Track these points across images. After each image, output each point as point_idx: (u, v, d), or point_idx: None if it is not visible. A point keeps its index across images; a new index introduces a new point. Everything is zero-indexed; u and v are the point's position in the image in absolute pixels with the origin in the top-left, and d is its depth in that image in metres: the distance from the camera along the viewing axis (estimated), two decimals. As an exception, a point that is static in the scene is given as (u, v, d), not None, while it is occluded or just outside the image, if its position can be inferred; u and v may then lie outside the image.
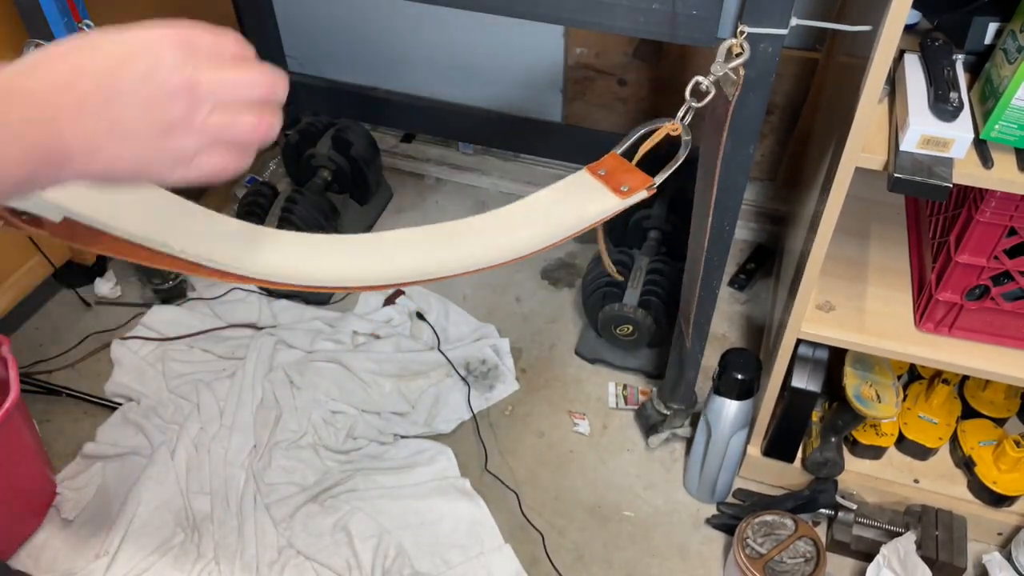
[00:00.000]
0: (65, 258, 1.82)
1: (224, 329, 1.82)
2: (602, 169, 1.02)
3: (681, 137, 1.00)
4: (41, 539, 1.48)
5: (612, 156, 1.02)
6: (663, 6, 1.02)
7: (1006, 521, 1.44)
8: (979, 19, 1.07)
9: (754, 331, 1.86)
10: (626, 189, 0.99)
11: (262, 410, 1.66)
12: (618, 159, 1.02)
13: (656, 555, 1.49)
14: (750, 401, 1.42)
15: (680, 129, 1.00)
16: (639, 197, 0.99)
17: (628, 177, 1.00)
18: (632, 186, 0.99)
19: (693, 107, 0.99)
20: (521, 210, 0.99)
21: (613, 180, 1.00)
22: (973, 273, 1.16)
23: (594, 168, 1.02)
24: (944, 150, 0.99)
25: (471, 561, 1.45)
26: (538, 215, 0.98)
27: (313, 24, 2.12)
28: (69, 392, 1.71)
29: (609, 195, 0.99)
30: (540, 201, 1.00)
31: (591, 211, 0.98)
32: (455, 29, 2.00)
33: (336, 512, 1.50)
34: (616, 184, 1.00)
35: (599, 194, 0.99)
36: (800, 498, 1.47)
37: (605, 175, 1.01)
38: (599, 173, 1.01)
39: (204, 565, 1.43)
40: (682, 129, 1.00)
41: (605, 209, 0.98)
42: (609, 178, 1.00)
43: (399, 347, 1.78)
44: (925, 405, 1.51)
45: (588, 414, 1.71)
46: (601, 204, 0.98)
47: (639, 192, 0.99)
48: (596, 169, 1.02)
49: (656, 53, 1.88)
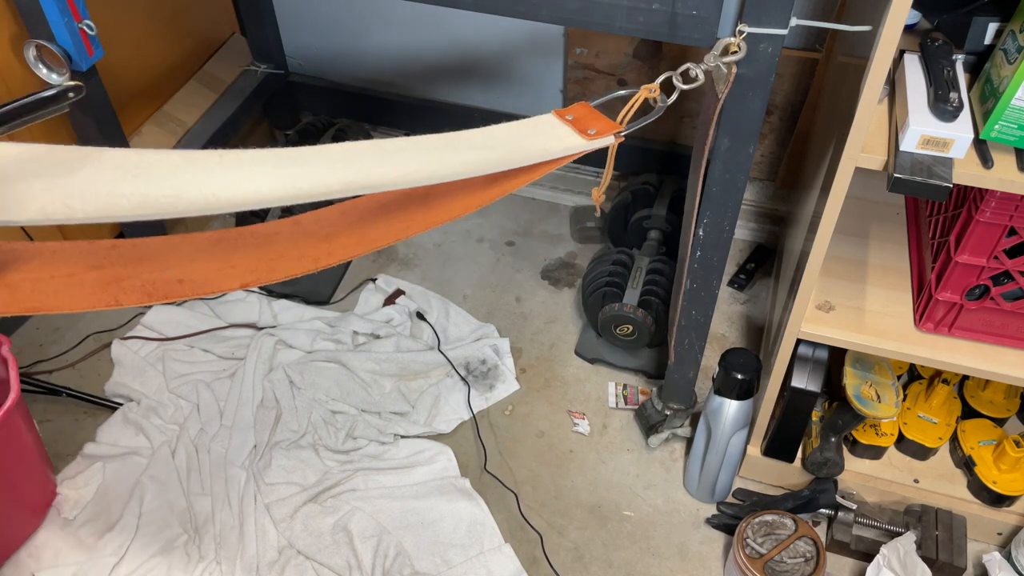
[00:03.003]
0: (65, 258, 1.82)
1: (224, 329, 1.82)
2: (570, 115, 0.99)
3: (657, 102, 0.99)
4: (42, 539, 1.48)
5: (583, 105, 1.00)
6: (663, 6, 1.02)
7: (1006, 521, 1.44)
8: (979, 19, 1.07)
9: (754, 331, 1.86)
10: (593, 132, 0.96)
11: (262, 410, 1.66)
12: (588, 108, 1.00)
13: (656, 555, 1.50)
14: (750, 401, 1.42)
15: (658, 93, 0.99)
16: (606, 142, 0.96)
17: (597, 123, 0.98)
18: (600, 130, 0.97)
19: (678, 87, 0.99)
20: (480, 135, 0.95)
21: (581, 124, 0.98)
22: (973, 273, 1.16)
23: (561, 113, 1.00)
24: (944, 150, 1.00)
25: (471, 561, 1.45)
26: (498, 142, 0.94)
27: (313, 24, 2.12)
28: (69, 392, 1.71)
29: (575, 135, 0.96)
30: (502, 131, 0.97)
31: (554, 147, 0.95)
32: (455, 29, 2.00)
33: (336, 512, 1.51)
34: (583, 127, 0.97)
35: (564, 133, 0.97)
36: (800, 498, 1.47)
37: (572, 120, 0.99)
38: (566, 118, 0.99)
39: (206, 566, 1.43)
40: (659, 94, 0.99)
41: (569, 147, 0.95)
42: (576, 122, 0.98)
43: (399, 347, 1.78)
44: (925, 405, 1.51)
45: (588, 414, 1.71)
46: (566, 143, 0.96)
47: (606, 136, 0.96)
48: (564, 114, 1.00)
49: (656, 53, 1.88)
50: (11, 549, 1.46)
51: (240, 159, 0.83)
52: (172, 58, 1.92)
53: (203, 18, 2.01)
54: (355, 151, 0.87)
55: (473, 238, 2.08)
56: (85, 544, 1.47)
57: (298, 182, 0.81)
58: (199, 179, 0.80)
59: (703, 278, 1.32)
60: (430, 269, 2.00)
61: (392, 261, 2.03)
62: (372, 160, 0.86)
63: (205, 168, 0.81)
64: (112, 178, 0.79)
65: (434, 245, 2.06)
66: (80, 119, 1.54)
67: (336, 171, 0.83)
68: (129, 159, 0.81)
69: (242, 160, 0.83)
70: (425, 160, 0.88)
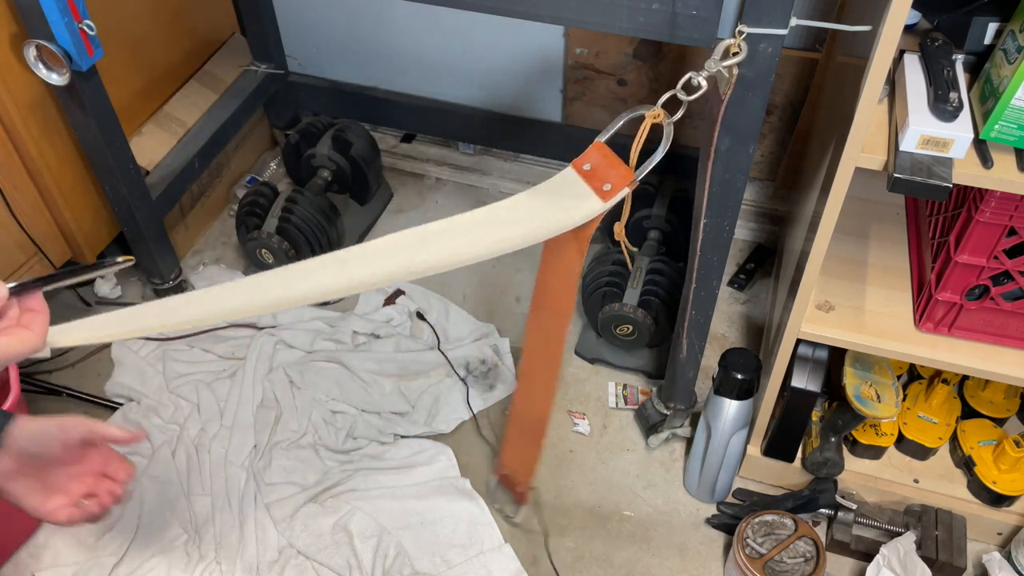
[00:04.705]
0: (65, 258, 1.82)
1: (224, 329, 1.82)
2: (587, 164, 1.01)
3: (663, 128, 0.99)
4: (42, 538, 1.48)
5: (597, 146, 1.01)
6: (663, 6, 1.02)
7: (1006, 521, 1.44)
8: (979, 19, 1.07)
9: (754, 331, 1.86)
10: (608, 188, 0.98)
11: (262, 410, 1.66)
12: (602, 151, 1.01)
13: (656, 555, 1.50)
14: (750, 401, 1.42)
15: (663, 116, 0.99)
16: (621, 195, 0.99)
17: (611, 173, 0.99)
18: (614, 184, 0.98)
19: (682, 99, 0.98)
20: (507, 209, 0.98)
21: (597, 178, 1.00)
22: (973, 273, 1.16)
23: (579, 163, 1.01)
24: (944, 150, 1.00)
25: (471, 561, 1.45)
26: (522, 216, 0.98)
27: (313, 24, 2.12)
28: (69, 392, 1.71)
29: (593, 198, 0.99)
30: (524, 202, 1.00)
31: (575, 216, 0.98)
32: (455, 29, 2.00)
33: (336, 512, 1.51)
34: (599, 182, 0.99)
35: (583, 197, 0.99)
36: (800, 498, 1.47)
37: (590, 171, 1.00)
38: (583, 169, 1.01)
39: (206, 566, 1.43)
40: (664, 117, 0.99)
41: (589, 213, 0.99)
42: (593, 175, 1.00)
43: (399, 347, 1.78)
44: (925, 405, 1.51)
45: (588, 414, 1.71)
46: (584, 208, 0.99)
47: (621, 190, 0.98)
48: (581, 164, 1.01)
49: (656, 53, 1.88)
50: (11, 549, 1.46)
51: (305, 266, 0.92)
52: (172, 58, 1.92)
53: (203, 18, 2.01)
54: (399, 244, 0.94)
55: (473, 238, 2.07)
56: (85, 544, 1.47)
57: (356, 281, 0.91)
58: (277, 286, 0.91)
59: (703, 278, 1.32)
60: (430, 269, 2.00)
61: (392, 261, 2.02)
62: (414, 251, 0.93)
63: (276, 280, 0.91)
64: None
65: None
66: (80, 119, 1.54)
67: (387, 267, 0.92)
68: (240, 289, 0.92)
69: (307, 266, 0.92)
70: (460, 243, 0.94)
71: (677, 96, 0.98)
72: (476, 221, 0.97)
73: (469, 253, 0.94)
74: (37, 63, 1.41)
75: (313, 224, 1.83)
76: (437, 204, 2.18)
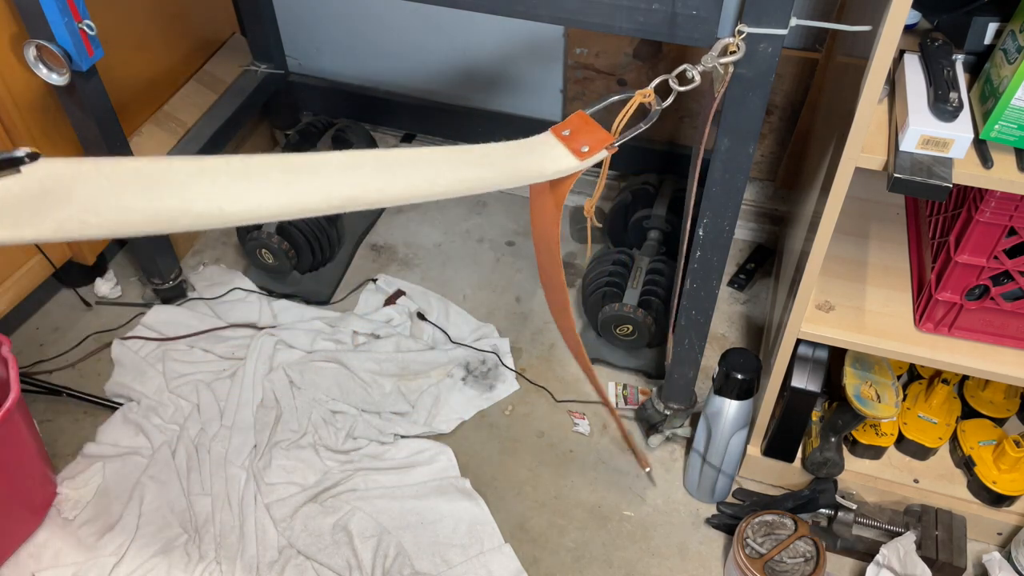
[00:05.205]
0: (65, 258, 1.82)
1: (224, 329, 1.82)
2: (566, 129, 1.01)
3: (652, 106, 0.99)
4: (42, 538, 1.48)
5: (579, 115, 1.02)
6: (663, 6, 1.02)
7: (1006, 521, 1.44)
8: (979, 19, 1.07)
9: (754, 331, 1.86)
10: (586, 150, 0.98)
11: (262, 410, 1.66)
12: (583, 117, 1.01)
13: (656, 555, 1.50)
14: (750, 401, 1.42)
15: (652, 97, 0.99)
16: (598, 158, 0.98)
17: (589, 137, 0.99)
18: (592, 146, 0.98)
19: (674, 88, 0.99)
20: (478, 152, 0.97)
21: (575, 141, 1.00)
22: (973, 273, 1.16)
23: (559, 129, 1.01)
24: (944, 150, 1.00)
25: (471, 561, 1.45)
26: (495, 161, 0.97)
27: (313, 24, 2.12)
28: (69, 392, 1.71)
29: (569, 156, 0.98)
30: (499, 150, 0.99)
31: (548, 169, 0.97)
32: (455, 29, 2.00)
33: (336, 512, 1.51)
34: (577, 145, 0.99)
35: (559, 154, 0.99)
36: (800, 498, 1.47)
37: (569, 135, 1.00)
38: (563, 134, 1.01)
39: (206, 566, 1.43)
40: (654, 98, 0.99)
41: (562, 169, 0.98)
42: (571, 139, 1.00)
43: (399, 347, 1.78)
44: (925, 405, 1.51)
45: (588, 414, 1.71)
46: (560, 164, 0.98)
47: (598, 152, 0.98)
48: (560, 130, 1.01)
49: (656, 53, 1.88)
50: (11, 549, 1.46)
51: (247, 169, 0.84)
52: (172, 58, 1.92)
53: (203, 18, 2.01)
54: (358, 162, 0.88)
55: (473, 238, 2.08)
56: (85, 544, 1.47)
57: (301, 197, 0.82)
58: (207, 192, 0.81)
59: (703, 278, 1.32)
60: (430, 269, 2.00)
61: (392, 261, 2.03)
62: (374, 175, 0.87)
63: (213, 180, 0.82)
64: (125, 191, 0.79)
65: (434, 245, 2.06)
66: (80, 119, 1.54)
67: (338, 186, 0.84)
68: (142, 170, 0.81)
69: (249, 171, 0.83)
70: (424, 176, 0.89)
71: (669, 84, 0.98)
72: (443, 158, 0.94)
73: (430, 189, 0.89)
74: (37, 63, 1.41)
75: (313, 224, 1.83)
76: (437, 204, 2.18)
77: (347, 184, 0.85)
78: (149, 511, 1.51)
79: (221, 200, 0.80)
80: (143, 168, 0.82)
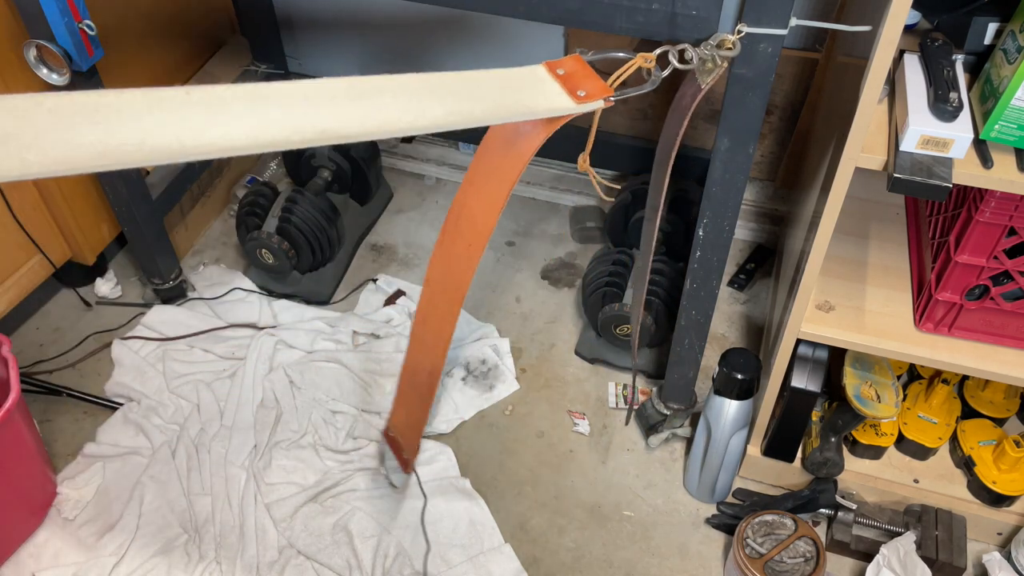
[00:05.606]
0: (65, 258, 1.82)
1: (224, 329, 1.82)
2: (561, 68, 0.94)
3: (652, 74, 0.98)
4: (42, 538, 1.48)
5: (576, 58, 0.95)
6: (663, 6, 1.02)
7: (1006, 521, 1.44)
8: (979, 19, 1.07)
9: (754, 331, 1.86)
10: (583, 94, 0.91)
11: (262, 410, 1.66)
12: (581, 63, 0.95)
13: (656, 555, 1.50)
14: (750, 401, 1.42)
15: (653, 62, 0.97)
16: (594, 106, 0.91)
17: (587, 83, 0.92)
18: (589, 92, 0.92)
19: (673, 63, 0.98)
20: (465, 80, 0.89)
21: (571, 82, 0.93)
22: (973, 273, 1.16)
23: (552, 66, 0.94)
24: (944, 150, 1.00)
25: (471, 561, 1.45)
26: (484, 93, 0.89)
27: (313, 24, 2.12)
28: (69, 392, 1.71)
29: (564, 96, 0.91)
30: (488, 78, 0.90)
31: (541, 105, 0.90)
32: (455, 29, 2.00)
33: (336, 512, 1.51)
34: (573, 86, 0.92)
35: (553, 91, 0.92)
36: (800, 498, 1.47)
37: (564, 75, 0.93)
38: (557, 72, 0.94)
39: (206, 566, 1.43)
40: (654, 65, 0.97)
41: (556, 108, 0.90)
42: (567, 79, 0.93)
43: (399, 347, 1.78)
44: (925, 405, 1.51)
45: (588, 414, 1.71)
46: (554, 102, 0.90)
47: (595, 100, 0.91)
48: (555, 67, 0.94)
49: (656, 53, 1.88)
50: (11, 549, 1.46)
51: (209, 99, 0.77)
52: (172, 58, 1.92)
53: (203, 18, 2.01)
54: (333, 91, 0.81)
55: (473, 238, 2.07)
56: (85, 544, 1.47)
57: (269, 129, 0.75)
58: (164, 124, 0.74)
59: (703, 278, 1.32)
60: (430, 269, 2.00)
61: (392, 261, 2.03)
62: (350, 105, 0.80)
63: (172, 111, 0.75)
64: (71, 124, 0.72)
65: (434, 245, 2.05)
66: (80, 119, 1.54)
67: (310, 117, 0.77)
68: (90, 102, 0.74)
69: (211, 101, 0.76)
70: (406, 108, 0.81)
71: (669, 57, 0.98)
72: (426, 87, 0.86)
73: (413, 123, 0.82)
74: (37, 63, 1.41)
75: (313, 224, 1.83)
76: (437, 204, 2.18)
77: (320, 115, 0.78)
78: (149, 511, 1.51)
79: (180, 132, 0.73)
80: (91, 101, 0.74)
